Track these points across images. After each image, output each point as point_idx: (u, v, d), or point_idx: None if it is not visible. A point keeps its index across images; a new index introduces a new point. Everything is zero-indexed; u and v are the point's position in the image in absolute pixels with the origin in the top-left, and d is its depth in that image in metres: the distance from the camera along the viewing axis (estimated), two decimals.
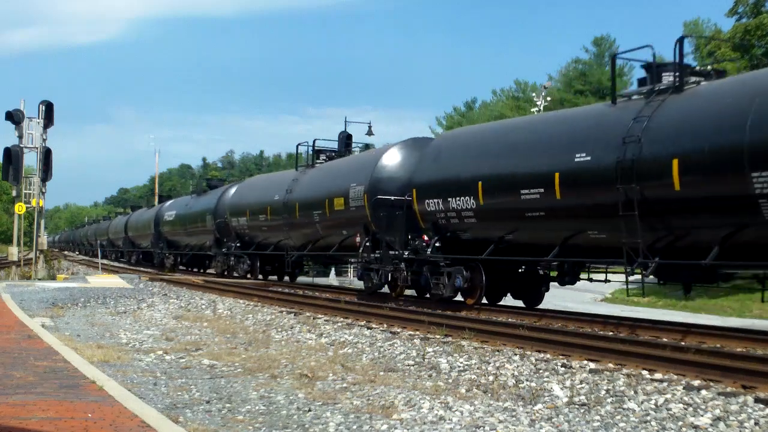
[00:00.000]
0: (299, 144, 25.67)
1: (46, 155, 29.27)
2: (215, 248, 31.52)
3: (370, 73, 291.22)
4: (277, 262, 27.39)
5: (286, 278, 28.64)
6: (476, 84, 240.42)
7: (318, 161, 24.79)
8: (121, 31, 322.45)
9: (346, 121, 25.07)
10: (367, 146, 26.76)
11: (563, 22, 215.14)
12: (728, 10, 35.29)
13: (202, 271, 38.48)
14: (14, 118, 29.02)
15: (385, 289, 19.14)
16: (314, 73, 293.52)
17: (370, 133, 33.60)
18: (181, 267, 40.08)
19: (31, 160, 30.14)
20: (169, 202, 44.06)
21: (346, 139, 27.10)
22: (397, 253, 17.92)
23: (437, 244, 16.73)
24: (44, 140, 29.25)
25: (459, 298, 16.63)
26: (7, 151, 29.09)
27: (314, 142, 25.14)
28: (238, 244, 28.52)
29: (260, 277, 28.18)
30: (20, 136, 29.11)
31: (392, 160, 19.38)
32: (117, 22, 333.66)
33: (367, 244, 19.10)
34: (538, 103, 44.04)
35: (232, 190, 31.00)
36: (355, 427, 6.74)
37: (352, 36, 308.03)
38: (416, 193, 17.28)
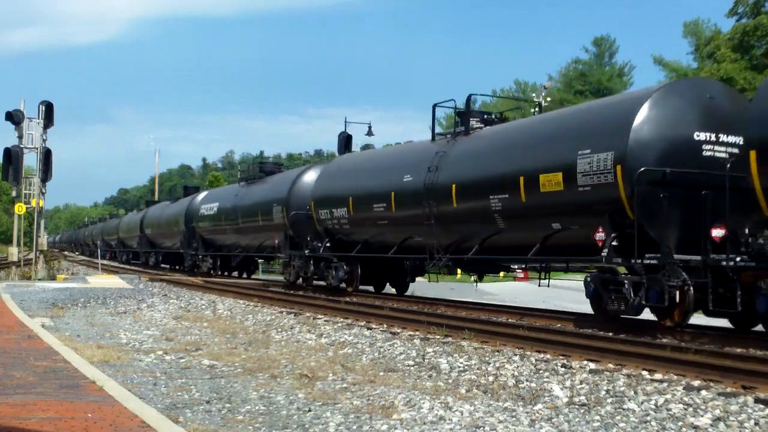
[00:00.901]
0: (437, 104, 18.89)
1: (46, 155, 29.27)
2: (288, 249, 24.26)
3: (370, 73, 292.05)
4: (381, 266, 20.82)
5: (391, 288, 22.43)
6: (476, 84, 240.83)
7: (474, 127, 17.36)
8: (121, 31, 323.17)
9: (346, 122, 24.85)
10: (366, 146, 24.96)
11: (563, 22, 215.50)
12: (728, 10, 35.33)
13: (245, 276, 33.17)
14: (14, 118, 29.03)
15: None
16: (314, 73, 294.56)
17: (370, 133, 33.71)
18: (214, 271, 32.77)
19: (31, 161, 30.20)
20: (204, 194, 36.11)
21: (345, 140, 27.11)
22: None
23: None
24: (44, 140, 29.26)
25: None
26: (7, 152, 29.10)
27: (469, 98, 18.22)
28: (328, 245, 21.63)
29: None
30: (20, 137, 29.12)
31: (658, 109, 12.33)
32: (117, 22, 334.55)
33: (615, 243, 12.23)
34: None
35: (312, 175, 24.27)
36: (355, 427, 6.74)
37: (352, 36, 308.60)
38: None
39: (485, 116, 17.95)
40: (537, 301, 22.49)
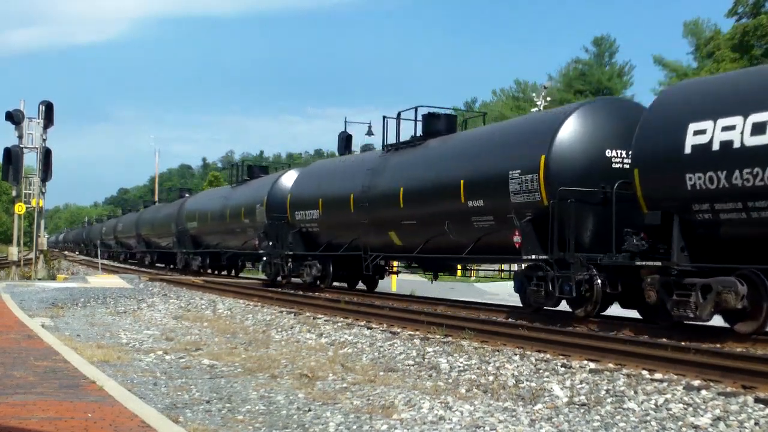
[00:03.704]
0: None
1: (46, 155, 29.25)
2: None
3: (371, 73, 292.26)
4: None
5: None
6: (476, 84, 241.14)
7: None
8: (122, 30, 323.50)
9: (345, 121, 24.87)
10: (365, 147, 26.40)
11: (563, 22, 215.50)
12: (728, 10, 35.35)
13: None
14: (14, 118, 29.00)
15: None
16: (315, 72, 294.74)
17: (370, 133, 33.71)
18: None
19: (31, 160, 30.17)
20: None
21: (345, 140, 27.10)
22: None
23: None
24: (44, 140, 29.23)
25: None
26: (7, 151, 29.06)
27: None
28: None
29: None
30: (20, 136, 29.08)
31: None
32: (118, 22, 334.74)
33: None
34: (539, 103, 44.04)
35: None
36: (355, 427, 6.74)
37: (353, 36, 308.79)
38: None
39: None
40: None
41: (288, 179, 25.47)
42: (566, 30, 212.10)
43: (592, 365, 9.38)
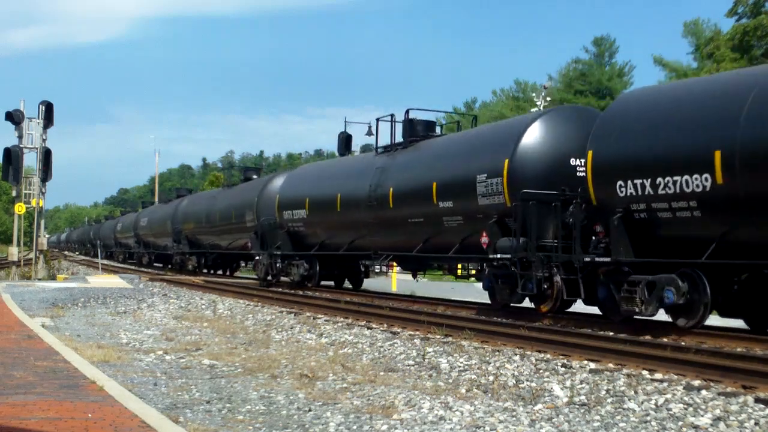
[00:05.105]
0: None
1: (46, 155, 29.27)
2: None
3: (372, 73, 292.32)
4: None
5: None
6: (476, 84, 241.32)
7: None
8: (122, 30, 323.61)
9: (345, 122, 24.79)
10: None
11: (563, 22, 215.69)
12: (728, 10, 35.37)
13: None
14: (14, 118, 29.02)
15: None
16: (316, 72, 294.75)
17: (369, 133, 33.73)
18: None
19: (31, 160, 30.18)
20: None
21: (345, 140, 27.16)
22: None
23: None
24: (44, 140, 29.27)
25: None
26: (7, 151, 29.08)
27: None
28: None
29: None
30: (20, 137, 29.11)
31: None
32: (119, 22, 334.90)
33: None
34: (538, 103, 44.04)
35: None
36: (355, 427, 6.74)
37: (354, 35, 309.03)
38: None
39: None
40: None
41: (534, 134, 14.76)
42: (566, 30, 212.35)
43: (592, 365, 9.39)
